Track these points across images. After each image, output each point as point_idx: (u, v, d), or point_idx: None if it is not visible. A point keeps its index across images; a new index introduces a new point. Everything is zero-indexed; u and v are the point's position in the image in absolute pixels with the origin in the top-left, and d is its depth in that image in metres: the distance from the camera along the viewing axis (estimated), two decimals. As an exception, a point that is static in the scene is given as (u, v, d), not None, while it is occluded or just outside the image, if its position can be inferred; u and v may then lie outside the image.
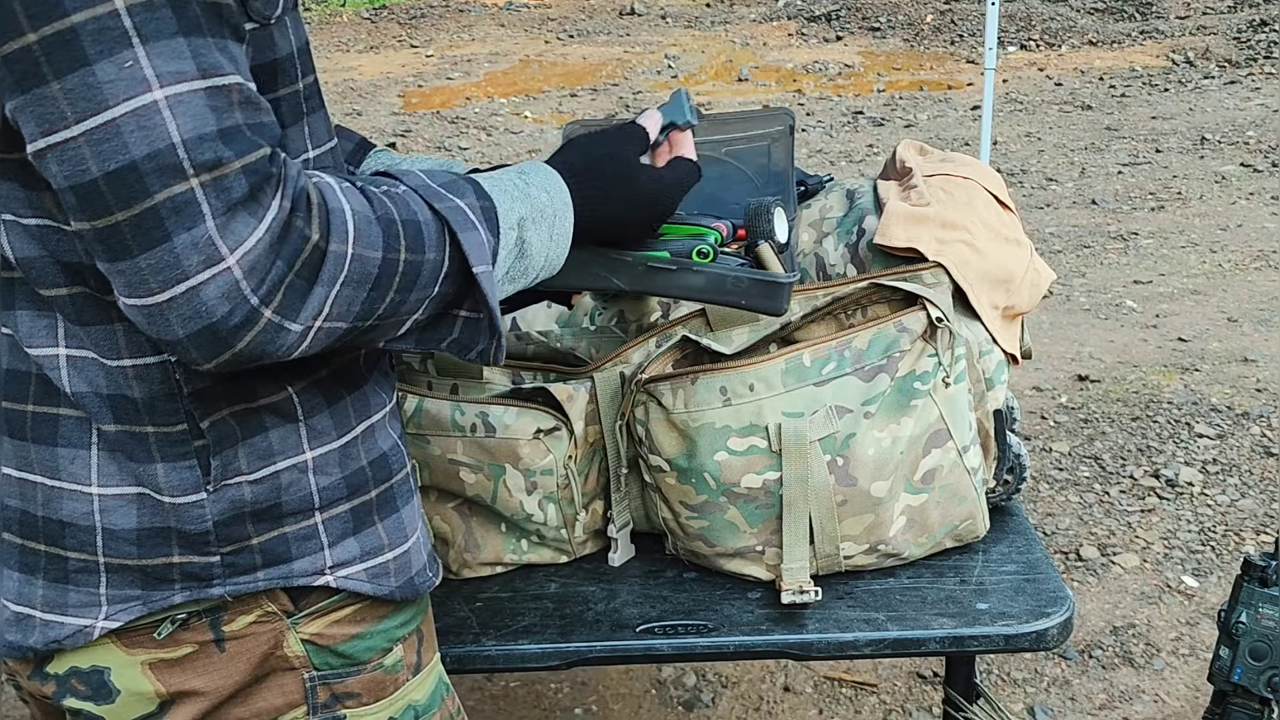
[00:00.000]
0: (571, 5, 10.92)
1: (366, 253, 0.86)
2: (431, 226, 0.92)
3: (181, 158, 0.79)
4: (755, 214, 1.29)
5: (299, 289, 0.83)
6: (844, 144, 6.63)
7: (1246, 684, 1.49)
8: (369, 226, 0.87)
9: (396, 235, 0.88)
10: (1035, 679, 2.44)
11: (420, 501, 1.13)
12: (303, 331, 0.85)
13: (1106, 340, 4.00)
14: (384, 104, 7.98)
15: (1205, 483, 3.11)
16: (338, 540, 1.02)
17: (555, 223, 1.03)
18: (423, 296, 0.92)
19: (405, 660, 1.10)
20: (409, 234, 0.89)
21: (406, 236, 0.89)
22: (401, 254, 0.89)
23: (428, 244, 0.91)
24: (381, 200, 0.89)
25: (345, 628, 1.04)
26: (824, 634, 1.38)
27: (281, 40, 0.93)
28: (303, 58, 0.97)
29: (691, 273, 1.21)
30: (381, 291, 0.88)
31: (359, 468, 1.03)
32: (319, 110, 1.01)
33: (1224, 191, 5.53)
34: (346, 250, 0.85)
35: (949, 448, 1.44)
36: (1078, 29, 9.10)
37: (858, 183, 1.69)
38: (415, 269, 0.90)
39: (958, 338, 1.43)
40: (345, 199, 0.87)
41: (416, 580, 1.08)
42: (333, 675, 1.04)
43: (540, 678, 2.46)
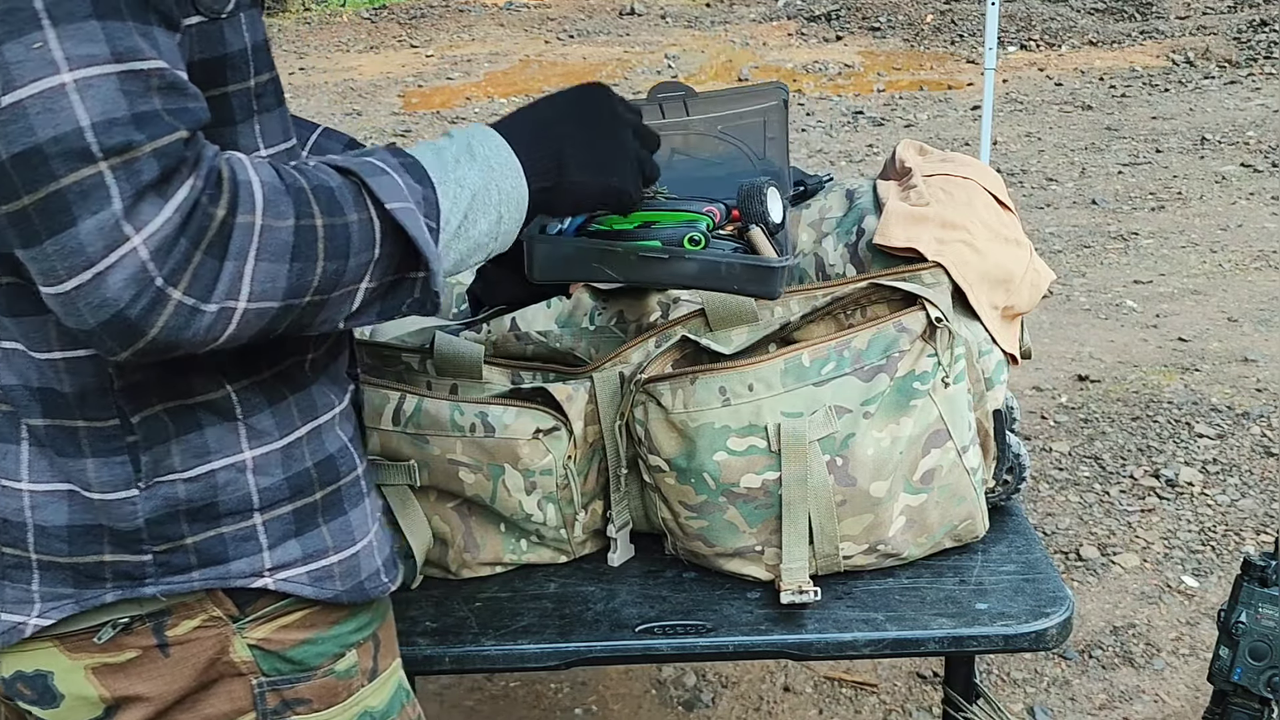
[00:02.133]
0: (571, 5, 10.92)
1: (277, 223, 0.84)
2: (345, 189, 0.89)
3: (89, 141, 0.77)
4: (748, 195, 1.28)
5: (208, 266, 0.81)
6: (844, 144, 6.63)
7: (1246, 684, 1.49)
8: (277, 196, 0.84)
9: (307, 201, 0.86)
10: (1035, 679, 2.44)
11: (375, 506, 1.10)
12: (220, 312, 0.82)
13: (1106, 340, 4.00)
14: (384, 104, 7.98)
15: (1205, 483, 3.10)
16: (278, 542, 1.00)
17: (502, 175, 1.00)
18: (363, 262, 0.89)
19: (360, 666, 1.08)
20: (321, 199, 0.87)
21: (319, 201, 0.87)
22: (317, 219, 0.86)
23: (345, 205, 0.88)
24: (290, 172, 0.88)
25: (293, 633, 1.02)
26: (823, 634, 1.38)
27: (233, 36, 0.92)
28: (258, 55, 0.95)
29: (684, 260, 1.19)
30: (307, 262, 0.86)
31: (303, 469, 1.00)
32: (274, 109, 0.99)
33: (1224, 191, 5.53)
34: (254, 221, 0.83)
35: (948, 448, 1.44)
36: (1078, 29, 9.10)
37: (857, 183, 1.69)
38: (341, 234, 0.87)
39: (957, 338, 1.43)
40: (254, 173, 0.85)
41: (367, 585, 1.06)
42: (282, 681, 1.03)
43: (540, 678, 2.46)
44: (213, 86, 0.90)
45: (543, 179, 1.03)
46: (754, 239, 1.25)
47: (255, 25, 0.95)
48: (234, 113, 0.94)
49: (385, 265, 0.91)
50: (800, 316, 1.46)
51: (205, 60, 0.90)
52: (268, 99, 0.97)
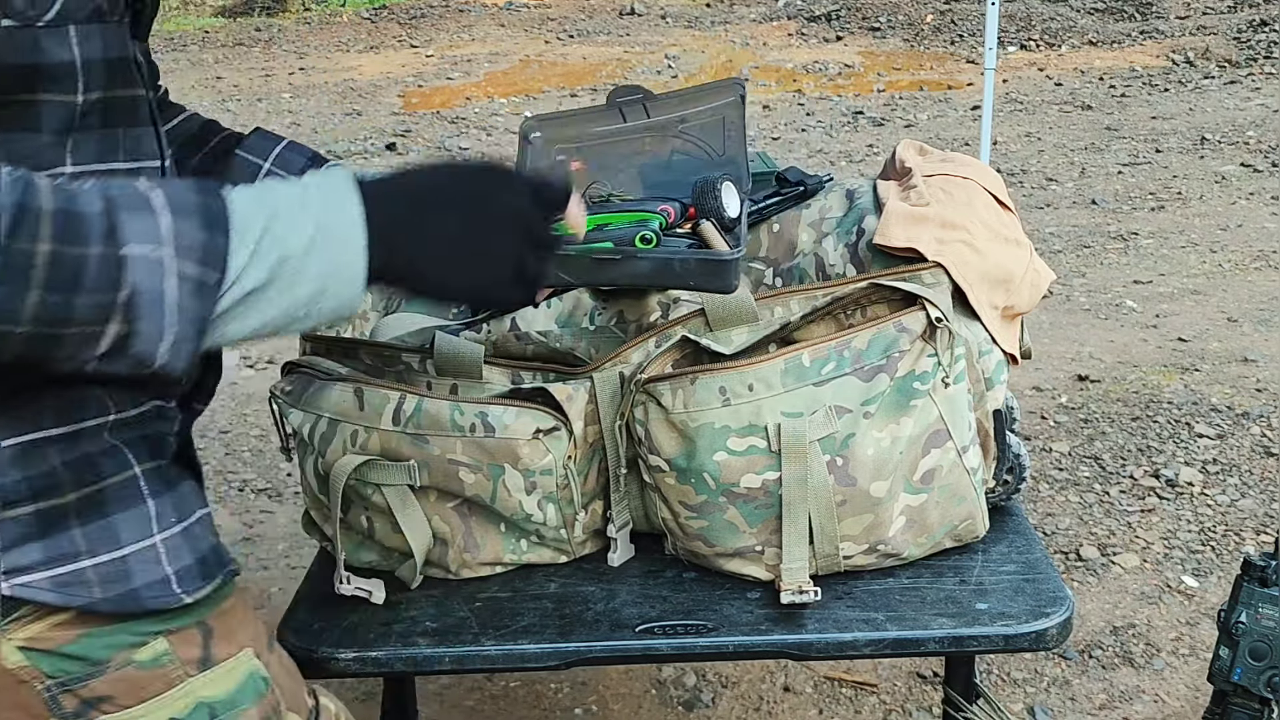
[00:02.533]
0: (571, 5, 10.93)
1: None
2: (98, 219, 0.81)
3: None
4: (702, 191, 1.28)
5: None
6: (844, 144, 6.63)
7: (1246, 684, 1.49)
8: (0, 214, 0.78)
9: (34, 222, 0.78)
10: (1035, 679, 2.44)
11: (178, 508, 1.01)
12: None
13: (1106, 340, 4.00)
14: (384, 104, 7.98)
15: (1205, 483, 3.11)
16: (14, 544, 0.92)
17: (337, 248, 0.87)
18: (101, 302, 0.81)
19: (178, 655, 1.00)
20: (56, 223, 0.79)
21: (53, 225, 0.79)
22: (40, 244, 0.78)
23: (89, 236, 0.80)
24: (41, 189, 0.80)
25: (67, 630, 0.96)
26: (823, 634, 1.38)
27: (55, 47, 0.88)
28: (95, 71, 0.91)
29: (637, 260, 1.20)
30: (17, 288, 0.78)
31: (48, 469, 0.93)
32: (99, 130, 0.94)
33: (1224, 191, 5.53)
34: None
35: (948, 448, 1.44)
36: (1078, 29, 9.10)
37: (857, 183, 1.69)
38: (70, 265, 0.79)
39: (957, 338, 1.43)
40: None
41: (143, 593, 0.97)
42: (73, 680, 0.96)
43: (540, 678, 2.46)
44: (19, 91, 0.88)
45: (391, 265, 0.90)
46: (704, 233, 1.25)
47: (92, 41, 0.90)
48: (40, 121, 0.89)
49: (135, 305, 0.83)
50: (800, 316, 1.46)
51: (10, 65, 0.87)
52: (94, 118, 0.93)
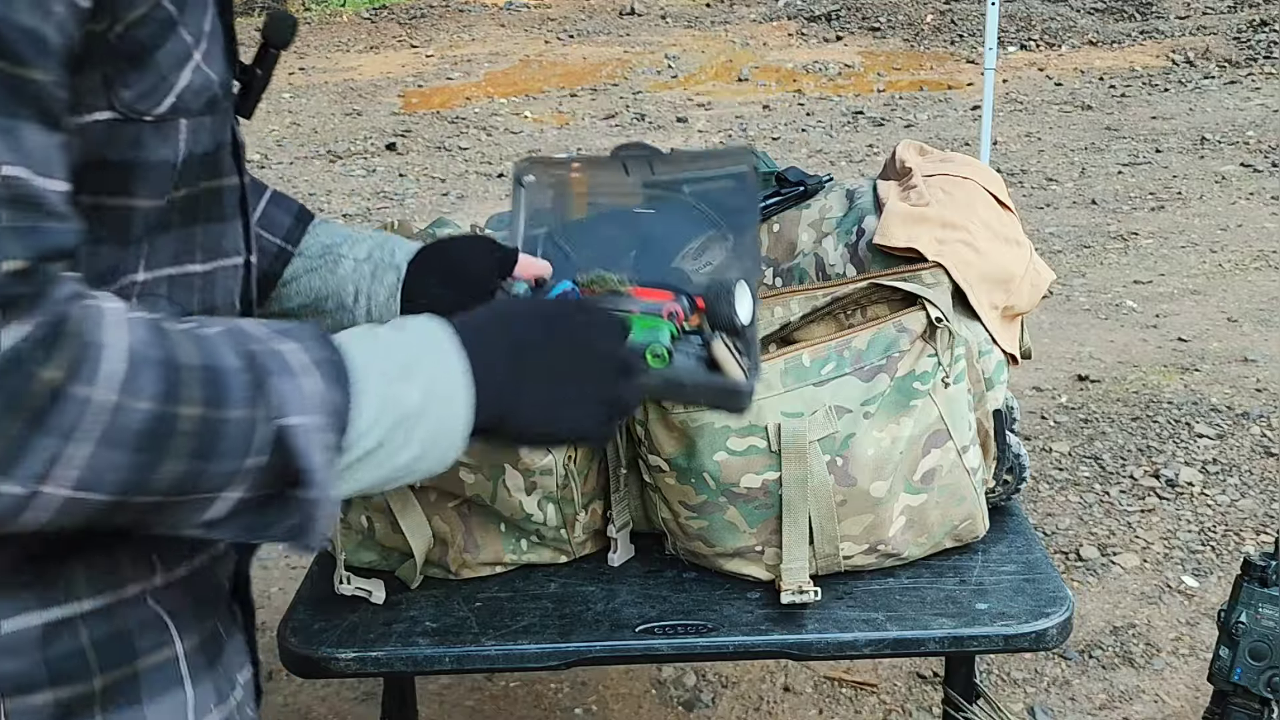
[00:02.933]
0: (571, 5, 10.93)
1: (129, 402, 0.67)
2: (239, 377, 0.71)
3: None
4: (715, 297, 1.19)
5: (17, 438, 0.64)
6: (844, 144, 6.63)
7: (1246, 684, 1.49)
8: (140, 370, 0.67)
9: (178, 383, 0.68)
10: (1035, 679, 2.44)
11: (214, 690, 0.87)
12: (27, 496, 0.66)
13: (1106, 340, 4.00)
14: (384, 104, 7.98)
15: (1205, 483, 3.10)
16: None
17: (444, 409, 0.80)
18: (233, 469, 0.71)
19: None
20: (203, 382, 0.69)
21: (199, 385, 0.69)
22: (184, 408, 0.68)
23: (231, 398, 0.70)
24: (177, 337, 0.70)
25: None
26: (823, 634, 1.38)
27: (158, 143, 0.77)
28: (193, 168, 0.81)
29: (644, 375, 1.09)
30: (157, 456, 0.68)
31: (75, 649, 0.78)
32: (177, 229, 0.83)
33: (1224, 191, 5.53)
34: (93, 397, 0.65)
35: (948, 448, 1.44)
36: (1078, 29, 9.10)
37: (857, 183, 1.69)
38: (213, 431, 0.70)
39: (957, 338, 1.43)
40: (117, 332, 0.67)
41: None
42: None
43: (540, 678, 2.46)
44: (113, 195, 0.77)
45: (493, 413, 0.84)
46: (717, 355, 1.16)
47: (200, 135, 0.80)
48: (129, 229, 0.79)
49: (264, 476, 0.73)
50: (800, 316, 1.46)
51: (108, 162, 0.75)
52: (175, 215, 0.82)
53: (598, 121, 7.39)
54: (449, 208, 5.77)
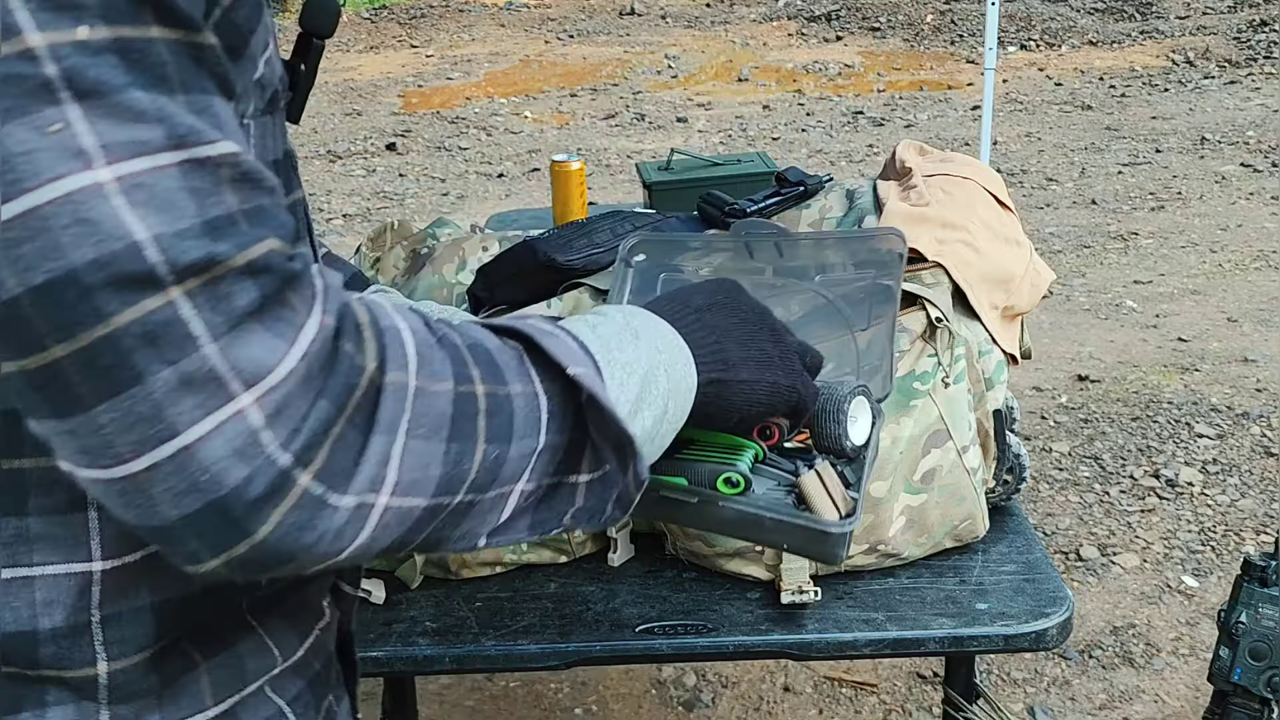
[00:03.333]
0: (571, 5, 10.93)
1: (433, 385, 0.61)
2: (504, 352, 0.67)
3: (150, 261, 0.54)
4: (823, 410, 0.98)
5: (351, 442, 0.58)
6: (844, 144, 6.63)
7: (1246, 684, 1.49)
8: (431, 351, 0.62)
9: (464, 361, 0.64)
10: (1035, 679, 2.44)
11: None
12: (356, 510, 0.58)
13: (1106, 340, 4.00)
14: (384, 104, 7.98)
15: (1205, 483, 3.11)
16: None
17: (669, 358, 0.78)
18: (526, 450, 0.66)
19: None
20: (480, 360, 0.65)
21: (479, 363, 0.64)
22: (478, 385, 0.63)
23: (506, 372, 0.66)
24: (437, 324, 0.65)
25: None
26: (823, 634, 1.38)
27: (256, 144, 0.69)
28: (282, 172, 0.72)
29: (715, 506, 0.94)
30: (466, 443, 0.62)
31: None
32: None
33: (1224, 191, 5.53)
34: (408, 382, 0.60)
35: (948, 448, 1.44)
36: (1078, 29, 9.10)
37: (858, 183, 1.69)
38: (504, 407, 0.64)
39: (957, 338, 1.43)
40: (398, 317, 0.62)
41: None
42: None
43: (540, 678, 2.46)
44: None
45: (710, 369, 0.81)
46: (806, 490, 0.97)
47: (265, 139, 0.70)
48: None
49: (546, 460, 0.68)
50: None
51: None
52: None
53: (598, 121, 7.39)
54: (449, 208, 5.77)
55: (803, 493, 0.96)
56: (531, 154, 6.63)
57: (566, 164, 2.33)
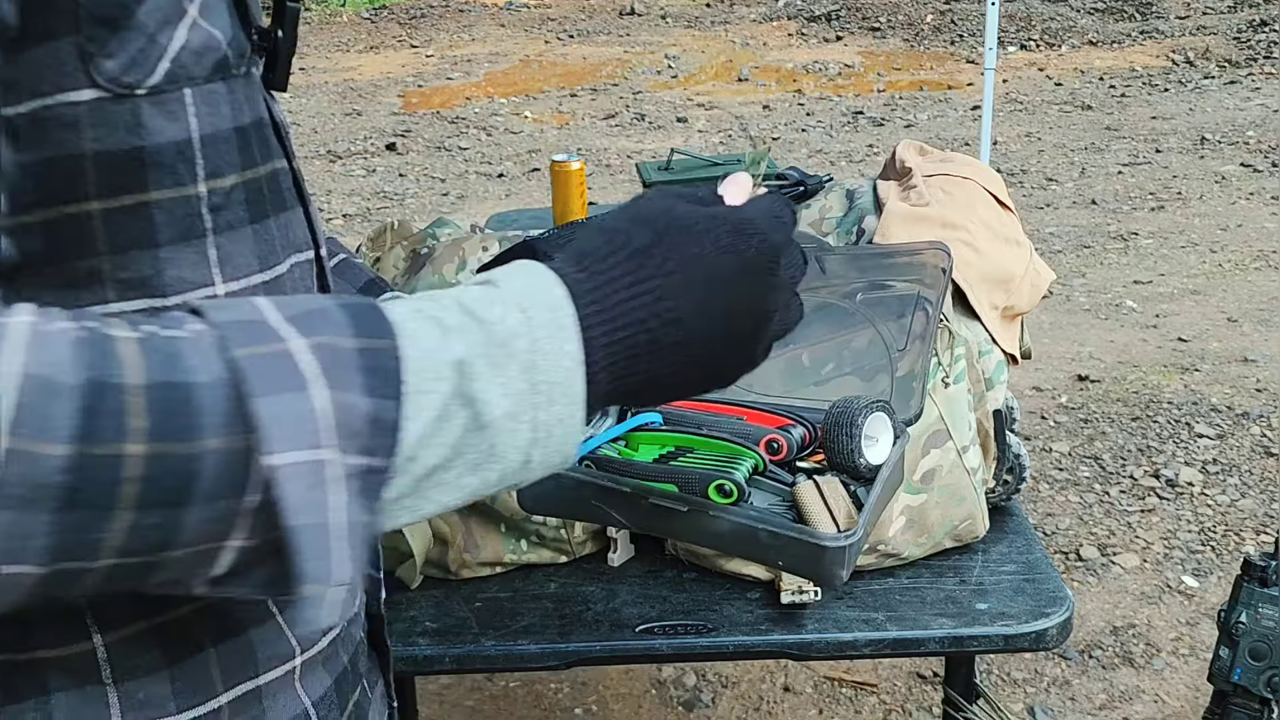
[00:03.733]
0: (571, 5, 10.93)
1: (32, 446, 0.49)
2: (213, 392, 0.53)
3: None
4: (836, 423, 0.90)
5: None
6: (844, 144, 6.63)
7: (1246, 684, 1.49)
8: (46, 403, 0.50)
9: (119, 412, 0.51)
10: (1035, 679, 2.44)
11: None
12: None
13: (1106, 340, 4.00)
14: (384, 104, 7.98)
15: (1205, 483, 3.11)
16: None
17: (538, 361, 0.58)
18: (226, 512, 0.53)
19: None
20: (150, 409, 0.51)
21: (144, 413, 0.51)
22: (131, 445, 0.51)
23: (208, 420, 0.52)
24: (114, 355, 0.52)
25: None
26: (823, 634, 1.38)
27: (163, 122, 0.62)
28: (216, 149, 0.64)
29: (708, 517, 0.88)
30: (96, 511, 0.51)
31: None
32: (247, 226, 0.67)
33: (1224, 191, 5.53)
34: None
35: (948, 448, 1.44)
36: (1078, 29, 9.10)
37: (857, 183, 1.69)
38: (174, 469, 0.52)
39: (957, 338, 1.43)
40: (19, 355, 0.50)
41: None
42: None
43: (540, 678, 2.46)
44: (121, 192, 0.61)
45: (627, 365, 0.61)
46: (801, 499, 0.89)
47: (216, 107, 0.64)
48: (157, 230, 0.63)
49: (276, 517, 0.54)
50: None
51: (104, 153, 0.60)
52: (233, 212, 0.66)
53: (598, 121, 7.39)
54: (449, 208, 5.77)
55: (797, 502, 0.89)
56: (531, 154, 6.63)
57: (566, 164, 2.33)
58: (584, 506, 0.93)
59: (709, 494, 0.88)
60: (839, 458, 0.92)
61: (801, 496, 0.89)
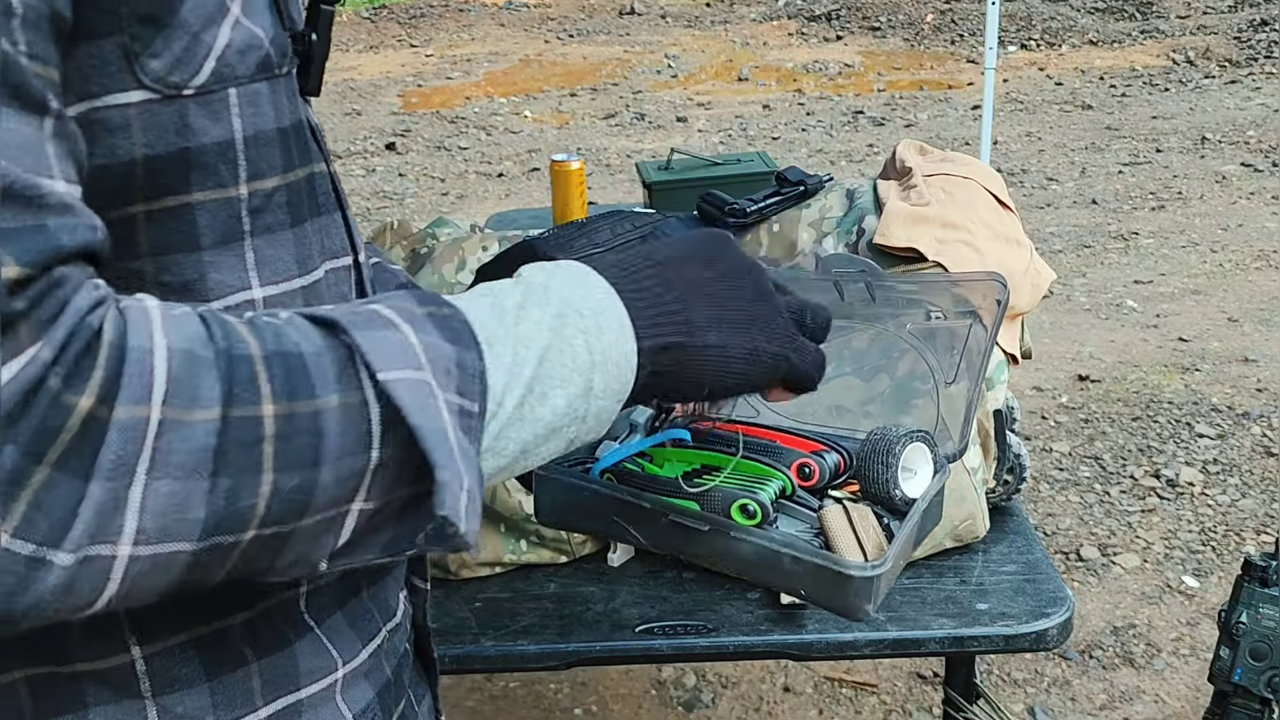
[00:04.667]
0: (571, 5, 10.93)
1: (187, 415, 0.52)
2: (325, 355, 0.57)
3: None
4: (871, 455, 0.88)
5: (62, 492, 0.49)
6: (844, 144, 6.62)
7: (1247, 684, 1.49)
8: (193, 371, 0.53)
9: (250, 377, 0.54)
10: (1035, 679, 2.44)
11: None
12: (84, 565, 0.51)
13: (1107, 340, 4.00)
14: (384, 104, 7.98)
15: (1206, 483, 3.10)
16: None
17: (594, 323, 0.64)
18: (349, 471, 0.56)
19: None
20: (276, 371, 0.55)
21: (272, 376, 0.55)
22: (264, 406, 0.54)
23: (319, 382, 0.56)
24: (234, 331, 0.55)
25: None
26: (824, 634, 1.38)
27: (208, 122, 0.61)
28: (258, 150, 0.64)
29: (729, 538, 0.85)
30: (242, 475, 0.53)
31: None
32: (286, 230, 0.67)
33: (1224, 191, 5.53)
34: (147, 415, 0.51)
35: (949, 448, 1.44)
36: (1078, 28, 9.09)
37: (858, 183, 1.69)
38: (307, 428, 0.55)
39: (958, 338, 1.43)
40: (161, 333, 0.53)
41: None
42: None
43: (540, 678, 2.46)
44: (165, 194, 0.61)
45: (661, 333, 0.67)
46: (827, 523, 0.86)
47: (259, 108, 0.64)
48: (199, 234, 0.63)
49: (391, 476, 0.58)
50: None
51: (154, 157, 0.60)
52: (272, 215, 0.66)
53: (598, 121, 7.39)
54: (449, 207, 5.77)
55: (823, 526, 0.85)
56: (531, 154, 6.63)
57: (566, 164, 2.33)
58: (602, 521, 0.91)
59: (732, 514, 0.85)
60: (873, 487, 0.89)
61: (828, 521, 0.85)
